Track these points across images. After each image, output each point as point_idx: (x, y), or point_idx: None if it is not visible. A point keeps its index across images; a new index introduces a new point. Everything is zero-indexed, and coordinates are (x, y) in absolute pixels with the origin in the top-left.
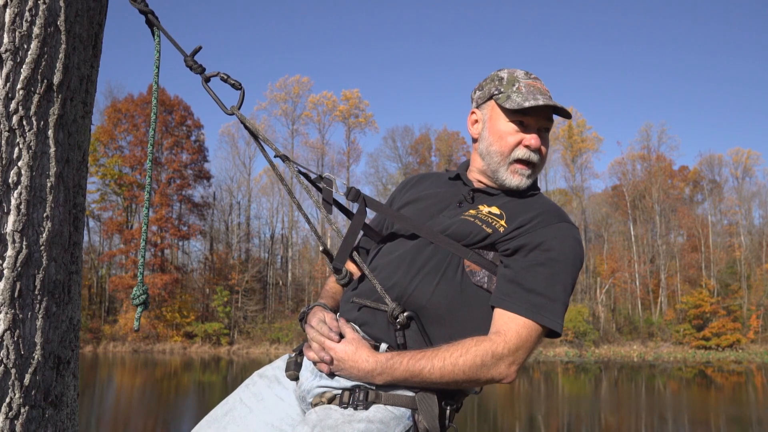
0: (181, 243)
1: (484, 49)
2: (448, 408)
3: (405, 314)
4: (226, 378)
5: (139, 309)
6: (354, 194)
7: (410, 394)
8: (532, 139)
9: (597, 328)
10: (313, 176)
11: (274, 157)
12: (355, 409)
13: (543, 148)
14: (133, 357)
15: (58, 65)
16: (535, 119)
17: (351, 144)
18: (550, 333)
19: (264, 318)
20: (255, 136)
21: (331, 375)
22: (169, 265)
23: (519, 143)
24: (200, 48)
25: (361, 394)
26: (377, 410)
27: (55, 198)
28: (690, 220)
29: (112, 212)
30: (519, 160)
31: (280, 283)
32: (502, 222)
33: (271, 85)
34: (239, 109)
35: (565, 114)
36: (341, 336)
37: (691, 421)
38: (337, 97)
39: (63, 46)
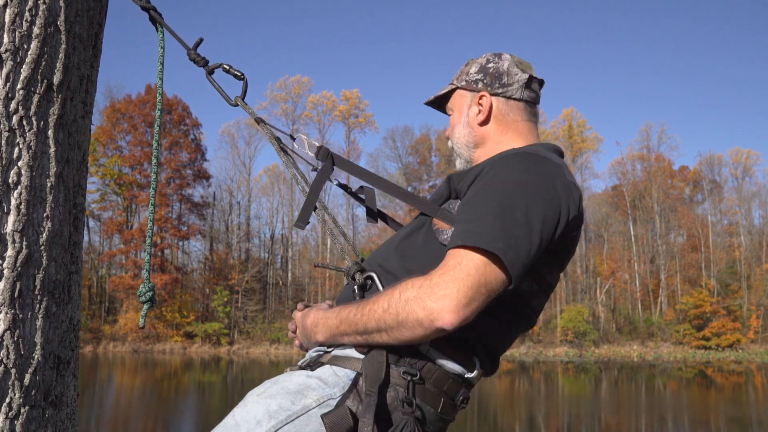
0: (181, 243)
1: (484, 49)
2: (409, 378)
3: (364, 274)
4: (226, 378)
5: (145, 306)
6: (324, 153)
7: (359, 356)
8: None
9: (597, 328)
10: (287, 137)
11: (270, 125)
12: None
13: (450, 132)
14: (133, 357)
15: (58, 65)
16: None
17: (351, 144)
18: (506, 279)
19: (264, 318)
20: (260, 121)
21: (302, 347)
22: (169, 265)
23: None
24: (202, 40)
25: (317, 358)
26: (322, 370)
27: (55, 198)
28: (690, 220)
29: (112, 212)
30: (451, 149)
31: (280, 283)
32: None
33: (271, 84)
34: (243, 98)
35: (439, 104)
36: None
37: (691, 421)
38: (337, 97)
39: (63, 46)
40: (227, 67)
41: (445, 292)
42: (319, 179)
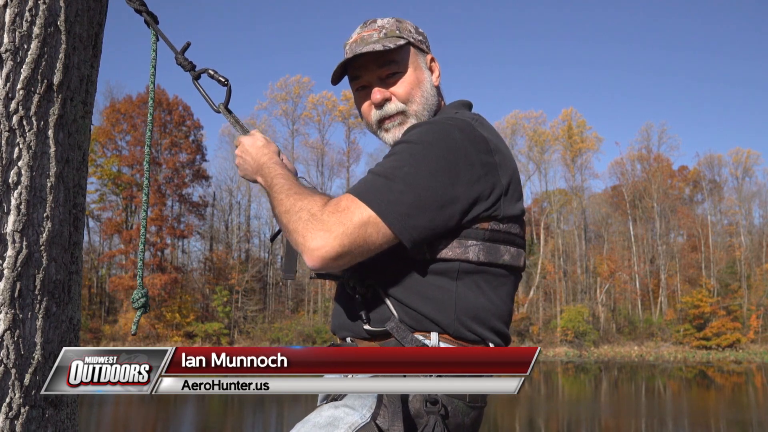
0: (180, 243)
1: (484, 49)
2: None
3: (365, 284)
4: None
5: (138, 312)
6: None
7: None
8: (374, 94)
9: (597, 328)
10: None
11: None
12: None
13: (391, 93)
14: None
15: (58, 65)
16: (366, 74)
17: (351, 144)
18: (389, 236)
19: (264, 318)
20: (239, 126)
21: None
22: (168, 265)
23: (370, 107)
24: (189, 44)
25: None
26: (347, 397)
27: (55, 198)
28: (690, 220)
29: (111, 212)
30: (380, 121)
31: (280, 283)
32: None
33: (271, 84)
34: (227, 105)
35: (380, 52)
36: None
37: (692, 424)
38: (337, 97)
39: (63, 46)
40: (212, 73)
41: (326, 231)
42: None
